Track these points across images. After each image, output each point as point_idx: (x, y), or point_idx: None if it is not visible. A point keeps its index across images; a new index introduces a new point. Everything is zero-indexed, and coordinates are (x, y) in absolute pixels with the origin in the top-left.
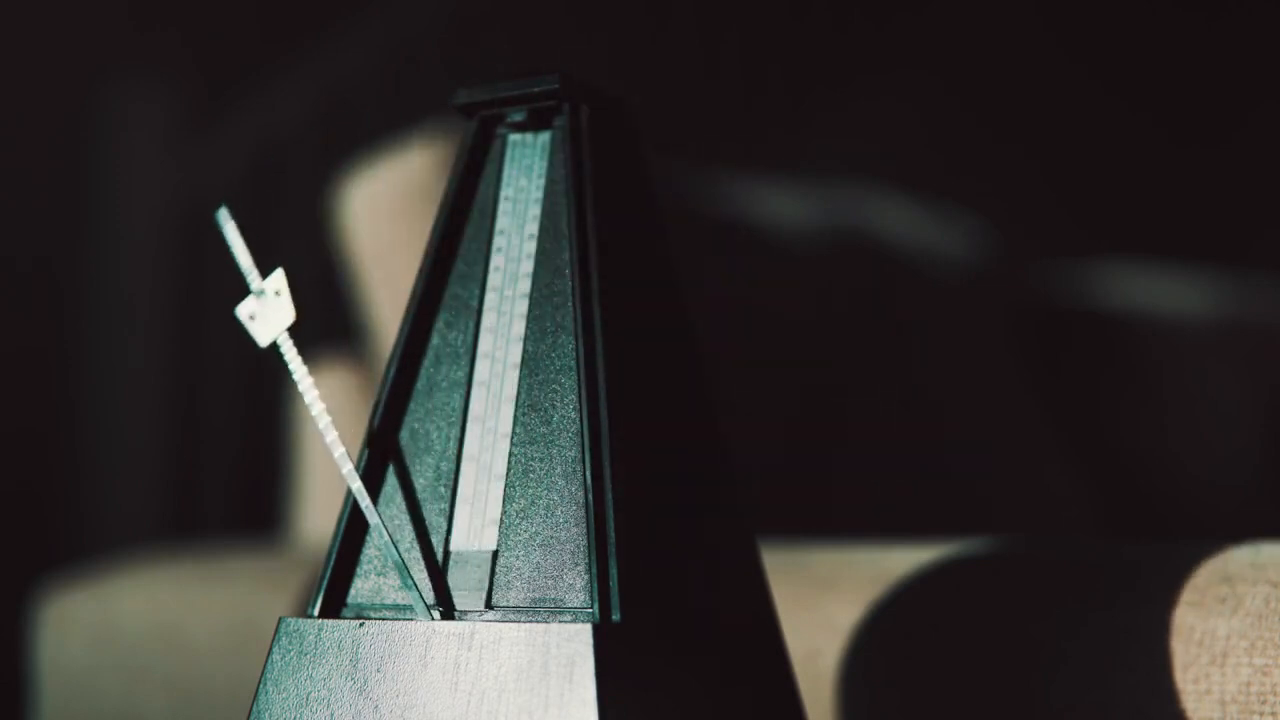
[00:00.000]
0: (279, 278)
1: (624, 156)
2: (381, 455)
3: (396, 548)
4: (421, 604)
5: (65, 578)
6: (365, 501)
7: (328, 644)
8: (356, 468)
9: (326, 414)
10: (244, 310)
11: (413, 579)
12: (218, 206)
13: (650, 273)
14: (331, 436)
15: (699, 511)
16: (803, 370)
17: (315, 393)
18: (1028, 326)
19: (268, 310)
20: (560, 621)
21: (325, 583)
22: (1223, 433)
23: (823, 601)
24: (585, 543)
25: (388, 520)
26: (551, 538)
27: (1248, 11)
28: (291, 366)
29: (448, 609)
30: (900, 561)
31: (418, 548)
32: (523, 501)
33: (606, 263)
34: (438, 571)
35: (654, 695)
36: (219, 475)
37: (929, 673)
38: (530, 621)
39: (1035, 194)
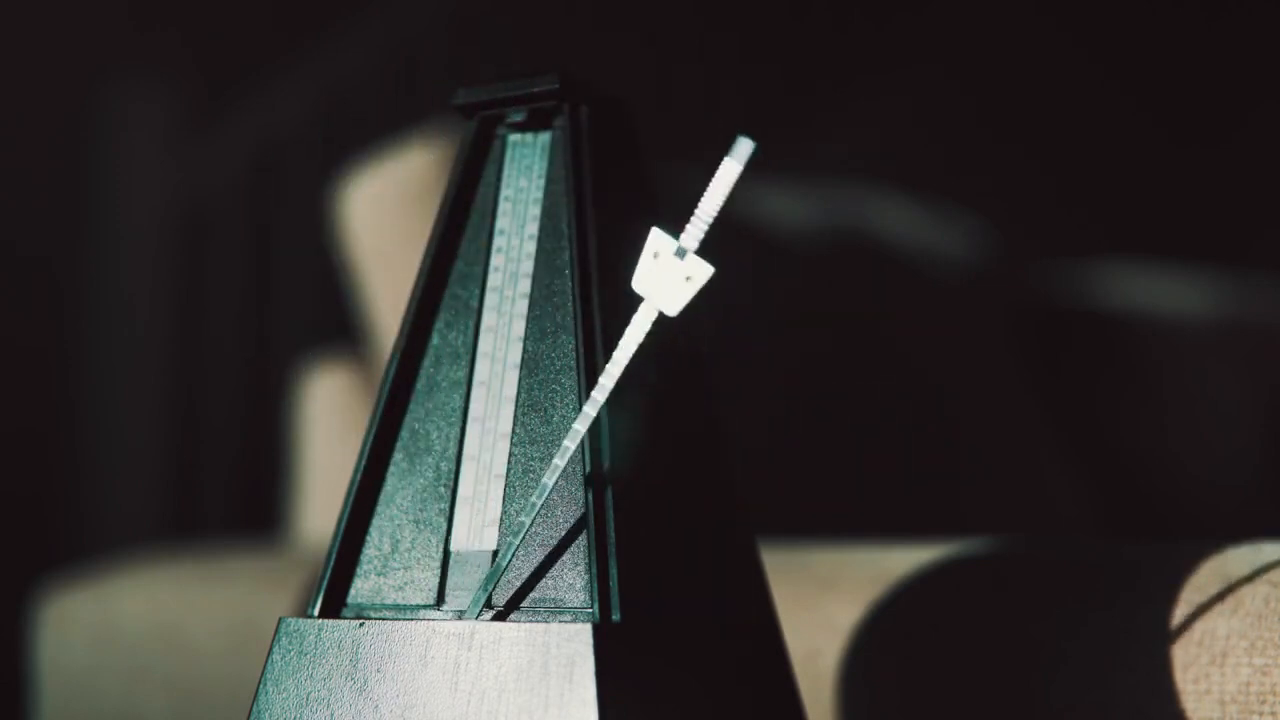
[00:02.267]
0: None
1: (624, 156)
2: (381, 455)
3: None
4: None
5: (65, 578)
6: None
7: (328, 644)
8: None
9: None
10: (684, 270)
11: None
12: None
13: None
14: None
15: (699, 511)
16: (802, 370)
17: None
18: (1028, 326)
19: (693, 270)
20: (560, 621)
21: (325, 583)
22: (1223, 433)
23: (823, 601)
24: (585, 543)
25: (388, 520)
26: (551, 538)
27: (1248, 11)
28: (635, 333)
29: (448, 609)
30: (900, 561)
31: (418, 548)
32: (523, 501)
33: (606, 263)
34: (438, 571)
35: (654, 695)
36: (219, 475)
37: (929, 673)
38: (530, 621)
39: (1035, 194)
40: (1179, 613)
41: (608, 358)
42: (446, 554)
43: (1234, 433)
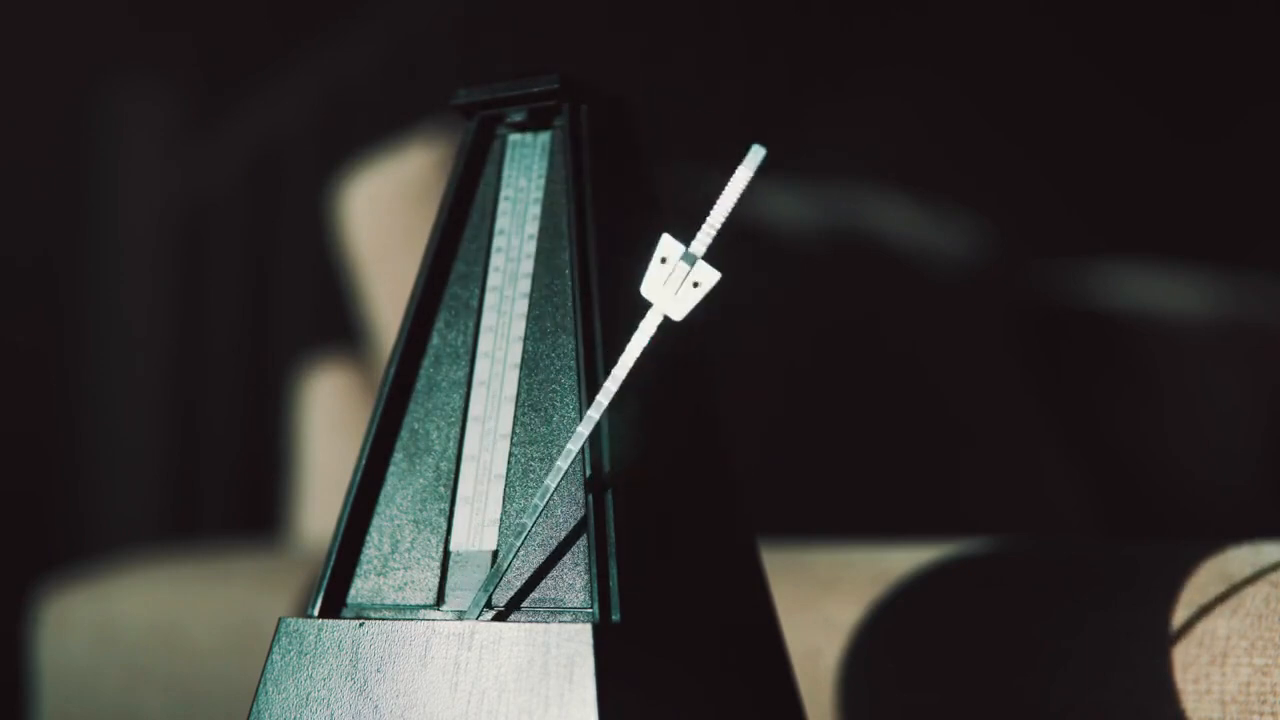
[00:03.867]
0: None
1: (624, 156)
2: (381, 455)
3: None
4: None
5: (65, 578)
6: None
7: (328, 644)
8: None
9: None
10: (691, 276)
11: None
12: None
13: None
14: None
15: (699, 511)
16: (802, 370)
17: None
18: (1028, 326)
19: (700, 276)
20: (560, 621)
21: (325, 583)
22: (1223, 433)
23: (823, 601)
24: (585, 543)
25: (388, 520)
26: (551, 538)
27: (1247, 11)
28: (641, 337)
29: (448, 609)
30: (900, 561)
31: (418, 548)
32: (523, 501)
33: (606, 263)
34: (438, 571)
35: (654, 695)
36: (219, 475)
37: (929, 673)
38: (530, 621)
39: (1035, 194)
40: (1179, 613)
41: (608, 358)
42: (446, 554)
43: (1234, 433)
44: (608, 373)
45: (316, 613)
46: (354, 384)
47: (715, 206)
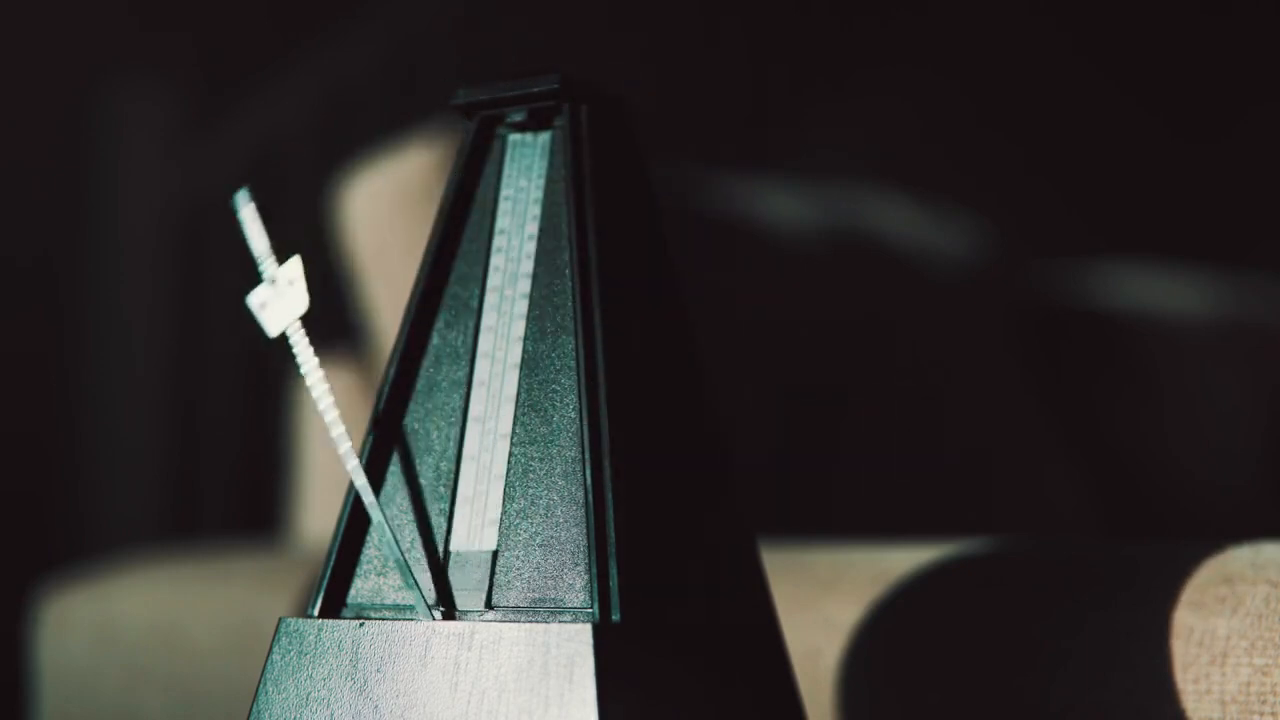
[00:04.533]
0: (294, 266)
1: (624, 156)
2: (381, 456)
3: (398, 545)
4: (422, 603)
5: (65, 578)
6: (369, 498)
7: (328, 644)
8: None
9: (334, 407)
10: (256, 298)
11: (414, 578)
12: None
13: (650, 272)
14: (338, 430)
15: (699, 511)
16: (802, 370)
17: (325, 385)
18: (1028, 326)
19: (280, 299)
20: (560, 621)
21: (325, 583)
22: (1223, 433)
23: (823, 601)
24: (585, 543)
25: (388, 520)
26: (551, 538)
27: (1247, 11)
28: (301, 358)
29: (448, 609)
30: (900, 561)
31: (418, 548)
32: (523, 501)
33: (606, 263)
34: (438, 571)
35: (654, 695)
36: (219, 475)
37: (929, 673)
38: (530, 621)
39: (1035, 194)
40: (1179, 613)
41: (608, 358)
42: (446, 554)
43: (1234, 433)
44: (608, 373)
45: (316, 613)
46: (354, 384)
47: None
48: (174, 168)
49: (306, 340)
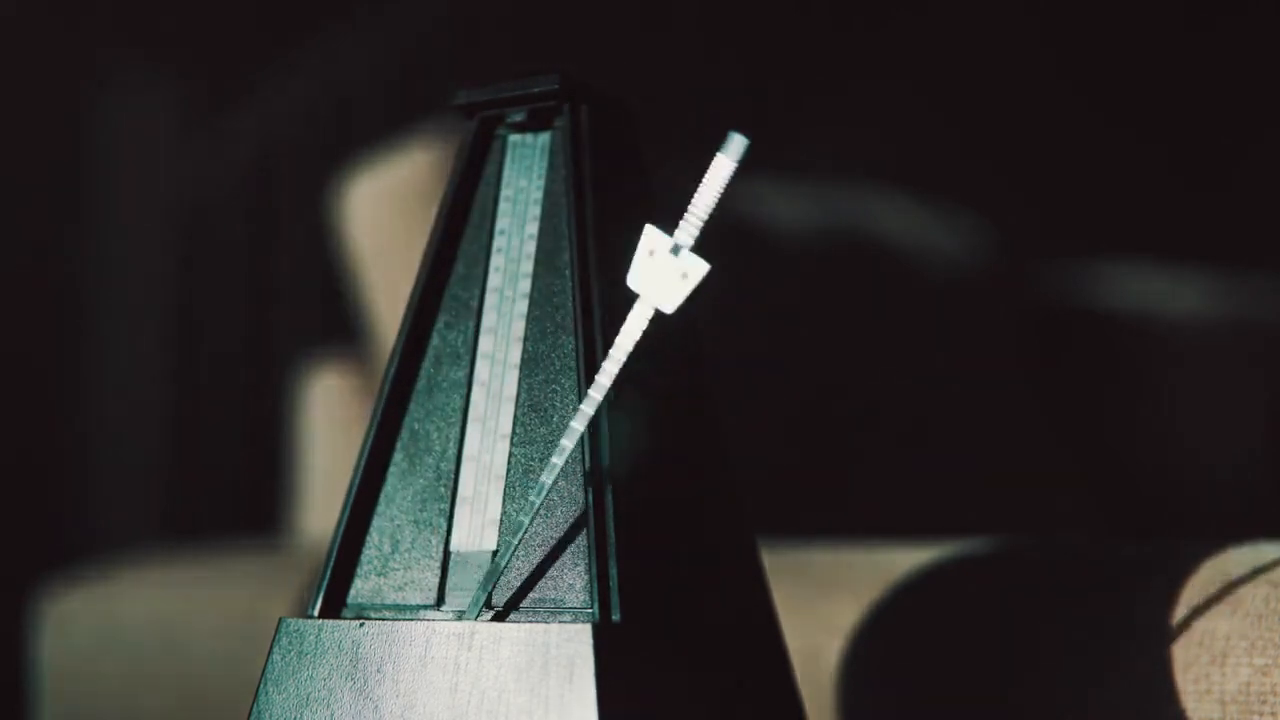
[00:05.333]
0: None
1: (624, 156)
2: (381, 455)
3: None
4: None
5: (66, 578)
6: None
7: (328, 644)
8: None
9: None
10: (679, 267)
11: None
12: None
13: None
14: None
15: (699, 511)
16: (803, 370)
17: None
18: (1028, 326)
19: (688, 268)
20: (560, 621)
21: (325, 583)
22: (1223, 433)
23: (823, 601)
24: (585, 543)
25: (388, 520)
26: (551, 538)
27: (1251, 15)
28: (632, 330)
29: (448, 609)
30: (900, 561)
31: (418, 548)
32: (522, 501)
33: (606, 263)
34: (438, 571)
35: (654, 695)
36: (219, 476)
37: (929, 673)
38: (530, 621)
39: (1036, 194)
40: (1179, 613)
41: (607, 357)
42: (446, 554)
43: (1234, 433)
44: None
45: (317, 613)
46: (354, 384)
47: (697, 196)
48: (174, 167)
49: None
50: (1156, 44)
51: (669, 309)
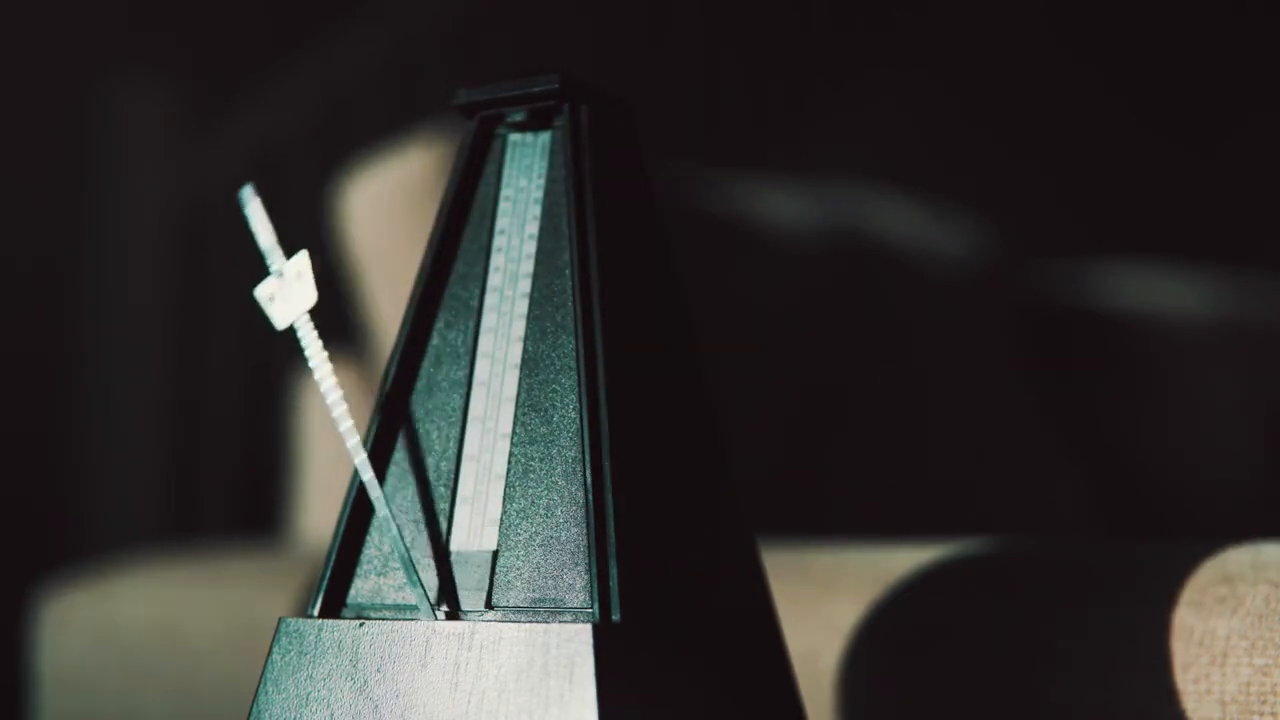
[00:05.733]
0: (302, 259)
1: (624, 156)
2: (382, 456)
3: (403, 540)
4: (425, 601)
5: (65, 578)
6: (376, 492)
7: (328, 644)
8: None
9: (342, 401)
10: (263, 291)
11: (417, 575)
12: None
13: (650, 272)
14: (346, 424)
15: (699, 511)
16: (802, 370)
17: (333, 379)
18: (1028, 326)
19: (288, 291)
20: (560, 621)
21: (325, 583)
22: (1223, 433)
23: (823, 601)
24: (585, 543)
25: (394, 514)
26: (551, 538)
27: (1247, 10)
28: (309, 351)
29: (449, 609)
30: (900, 561)
31: (418, 548)
32: (523, 501)
33: (606, 263)
34: (438, 571)
35: (654, 695)
36: (219, 475)
37: (929, 673)
38: (530, 621)
39: (1035, 194)
40: (1179, 613)
41: (608, 357)
42: (447, 554)
43: (1234, 433)
44: (608, 373)
45: (316, 613)
46: (354, 384)
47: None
48: (174, 168)
49: (315, 333)
50: (1156, 44)
51: (279, 327)
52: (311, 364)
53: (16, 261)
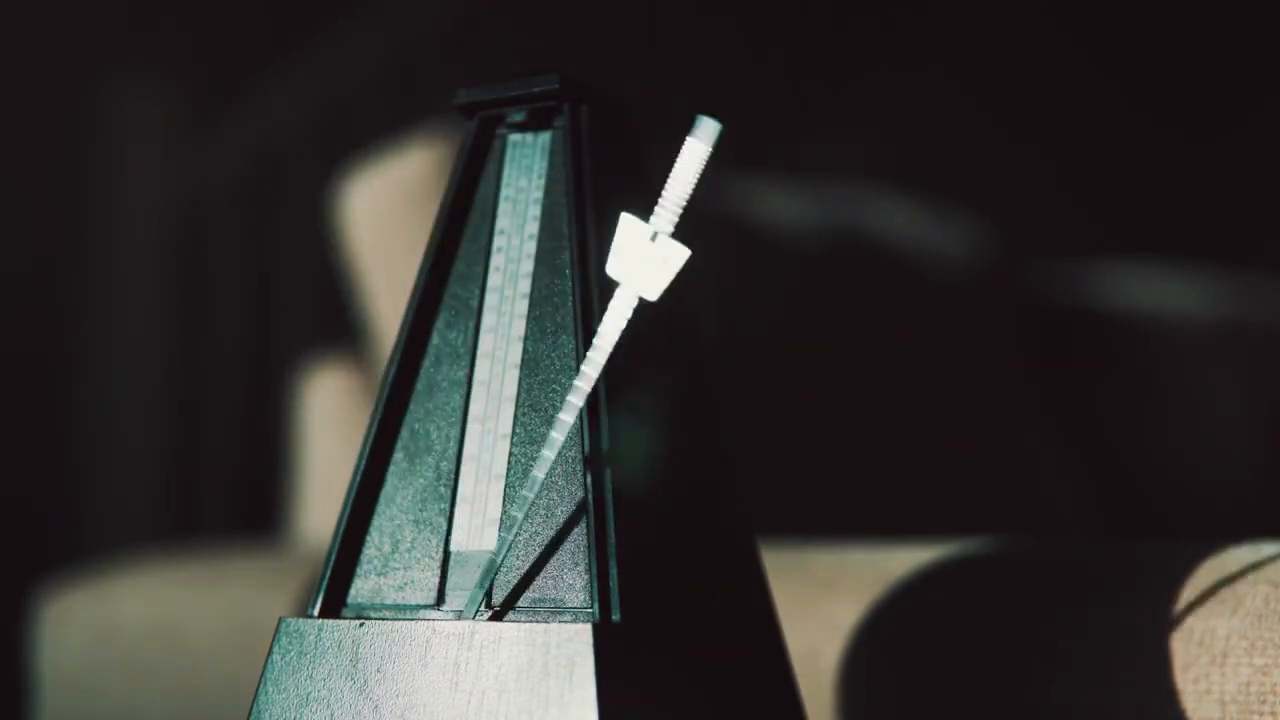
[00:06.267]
0: (682, 251)
1: (624, 156)
2: (381, 455)
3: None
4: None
5: (65, 578)
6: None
7: (328, 644)
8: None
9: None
10: (660, 253)
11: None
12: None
13: None
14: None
15: (699, 511)
16: (802, 370)
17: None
18: (1028, 326)
19: (653, 264)
20: (560, 621)
21: (325, 583)
22: (1223, 433)
23: (823, 601)
24: (585, 543)
25: (388, 520)
26: (551, 538)
27: (1247, 10)
28: (609, 326)
29: (448, 609)
30: (900, 561)
31: (418, 547)
32: (521, 500)
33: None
34: (438, 571)
35: (654, 695)
36: (219, 475)
37: (929, 673)
38: (530, 621)
39: (1036, 193)
40: (1179, 613)
41: (608, 357)
42: (447, 554)
43: (1234, 433)
44: (609, 373)
45: (317, 613)
46: (354, 384)
47: (670, 181)
48: (174, 168)
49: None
50: (1157, 44)
51: (652, 296)
52: (600, 340)
53: (16, 261)
